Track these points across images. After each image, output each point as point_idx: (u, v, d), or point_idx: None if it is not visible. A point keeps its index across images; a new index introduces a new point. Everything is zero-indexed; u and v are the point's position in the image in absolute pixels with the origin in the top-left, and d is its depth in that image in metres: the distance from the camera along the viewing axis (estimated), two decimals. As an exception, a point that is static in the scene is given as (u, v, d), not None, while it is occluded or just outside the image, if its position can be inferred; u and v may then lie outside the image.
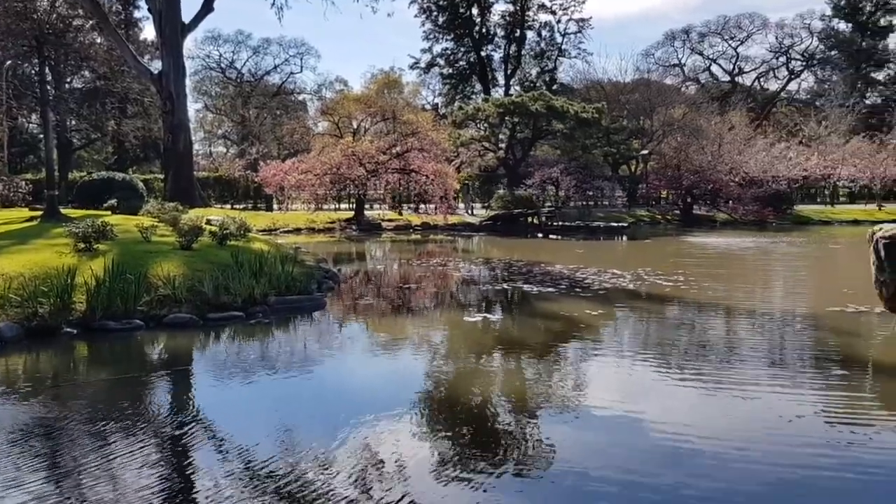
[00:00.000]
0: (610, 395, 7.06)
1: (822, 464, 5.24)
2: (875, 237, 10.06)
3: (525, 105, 37.82)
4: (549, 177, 37.27)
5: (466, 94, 64.89)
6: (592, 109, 38.97)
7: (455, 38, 64.48)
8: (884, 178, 46.55)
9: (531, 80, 64.72)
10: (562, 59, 65.38)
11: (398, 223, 33.41)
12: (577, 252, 23.03)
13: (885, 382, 7.63)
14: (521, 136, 41.97)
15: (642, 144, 44.89)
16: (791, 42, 74.95)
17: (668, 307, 12.22)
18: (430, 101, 67.04)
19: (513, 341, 9.66)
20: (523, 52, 65.09)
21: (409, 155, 32.49)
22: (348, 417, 6.17)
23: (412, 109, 38.67)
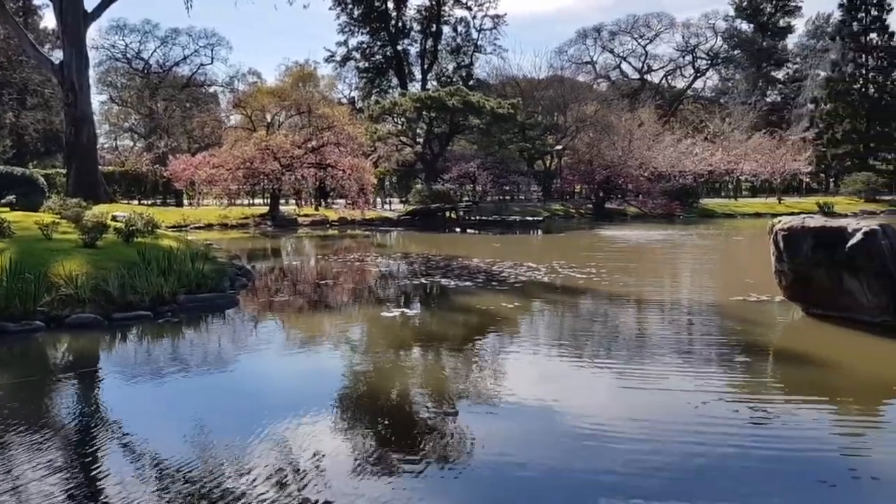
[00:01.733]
0: (527, 386, 7.15)
1: (728, 447, 5.45)
2: (775, 229, 10.55)
3: (442, 100, 37.92)
4: (467, 172, 37.51)
5: (383, 89, 64.56)
6: (508, 105, 39.41)
7: (371, 31, 64.03)
8: (783, 172, 48.89)
9: (448, 75, 64.92)
10: (478, 55, 65.89)
11: (315, 218, 32.97)
12: (493, 246, 23.27)
13: (786, 368, 8.01)
14: (438, 130, 42.06)
15: (556, 140, 45.72)
16: (697, 41, 77.78)
17: (582, 299, 12.48)
18: (347, 95, 66.43)
19: (431, 335, 9.67)
20: (440, 47, 65.24)
21: (325, 149, 32.08)
22: (264, 416, 6.04)
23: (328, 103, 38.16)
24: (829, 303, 9.91)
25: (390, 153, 42.54)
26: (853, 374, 7.62)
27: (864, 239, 9.31)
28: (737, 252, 22.97)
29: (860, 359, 8.27)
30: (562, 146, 44.23)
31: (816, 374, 7.57)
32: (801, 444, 5.51)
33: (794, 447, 5.45)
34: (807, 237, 10.00)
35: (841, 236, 9.61)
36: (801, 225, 10.22)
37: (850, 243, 9.42)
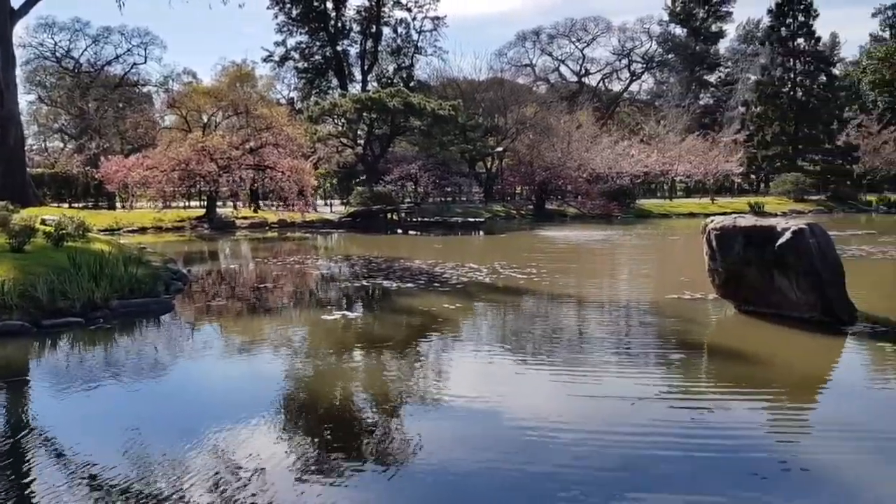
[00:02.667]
0: (470, 386, 7.19)
1: (665, 443, 5.58)
2: (707, 229, 10.83)
3: (383, 101, 37.78)
4: (408, 173, 37.46)
5: (323, 89, 63.96)
6: (449, 107, 39.51)
7: (310, 31, 63.36)
8: (716, 173, 50.28)
9: (388, 76, 64.72)
10: (418, 57, 65.83)
11: (253, 221, 32.44)
12: (435, 247, 23.29)
13: (719, 364, 8.24)
14: (379, 132, 41.89)
15: (497, 142, 46.03)
16: (632, 45, 79.37)
17: (523, 299, 12.60)
18: (286, 96, 65.56)
19: (373, 338, 9.63)
20: (380, 48, 64.99)
21: (263, 150, 31.60)
22: (203, 423, 5.92)
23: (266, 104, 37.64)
24: (760, 300, 10.23)
25: (331, 154, 42.20)
26: (783, 369, 7.88)
27: (793, 238, 9.64)
28: (672, 251, 23.52)
29: (790, 354, 8.56)
30: (502, 148, 44.57)
31: (748, 369, 7.80)
32: (735, 438, 5.67)
33: (728, 441, 5.61)
34: (738, 236, 10.30)
35: (771, 235, 9.93)
36: (732, 225, 10.52)
37: (780, 242, 9.74)
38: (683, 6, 78.64)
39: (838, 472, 5.03)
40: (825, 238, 9.85)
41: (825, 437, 5.77)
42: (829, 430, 5.90)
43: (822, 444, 5.61)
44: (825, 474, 5.00)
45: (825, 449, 5.47)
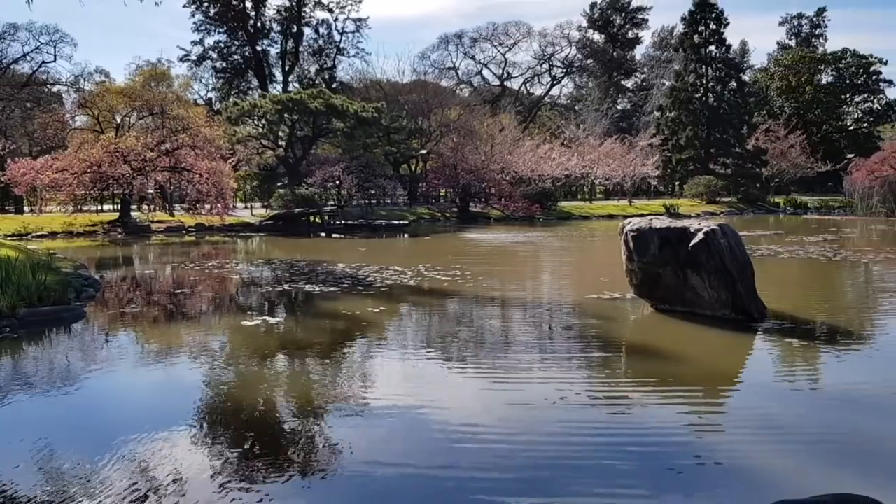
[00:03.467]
0: (395, 390, 7.17)
1: (585, 440, 5.71)
2: (625, 230, 11.13)
3: (304, 102, 37.30)
4: (331, 175, 37.08)
5: (242, 90, 62.71)
6: (372, 108, 39.34)
7: (228, 30, 62.04)
8: (633, 176, 51.73)
9: (310, 77, 63.97)
10: (341, 58, 65.33)
11: (170, 225, 31.51)
12: (359, 250, 23.15)
13: (637, 361, 8.47)
14: (301, 133, 41.33)
15: (421, 144, 46.11)
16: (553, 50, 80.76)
17: (448, 301, 12.65)
18: (203, 96, 63.96)
19: (296, 343, 9.49)
20: (301, 48, 64.17)
21: (180, 152, 30.75)
22: (118, 435, 5.71)
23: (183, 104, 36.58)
24: (675, 299, 10.57)
25: (251, 156, 41.39)
26: (697, 365, 8.16)
27: (705, 238, 10.00)
28: (592, 252, 24.05)
29: (703, 351, 8.87)
30: (427, 150, 44.68)
31: (664, 367, 8.05)
32: (653, 435, 5.84)
33: (646, 437, 5.77)
34: (654, 238, 10.61)
35: (684, 236, 10.28)
36: (648, 226, 10.83)
37: (693, 243, 10.09)
38: (601, 13, 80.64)
39: (750, 464, 5.23)
40: (736, 238, 10.26)
41: (738, 431, 6.00)
42: (741, 425, 6.14)
43: (734, 437, 5.83)
44: (738, 467, 5.20)
45: (738, 442, 5.68)
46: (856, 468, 5.11)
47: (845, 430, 5.92)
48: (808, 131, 62.39)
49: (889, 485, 4.75)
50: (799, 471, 5.10)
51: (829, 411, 6.48)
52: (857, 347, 9.06)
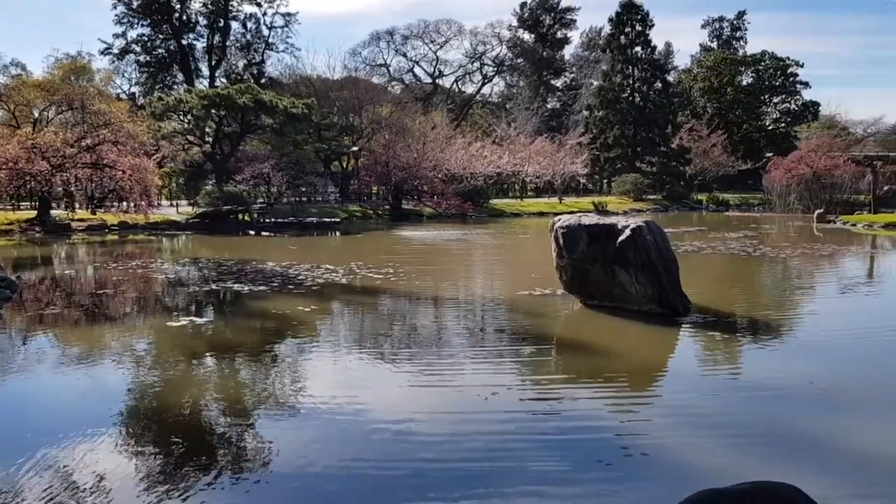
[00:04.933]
0: (327, 390, 7.10)
1: (516, 435, 5.77)
2: (555, 227, 11.30)
3: (232, 98, 36.53)
4: (260, 172, 36.41)
5: (167, 85, 61.01)
6: (302, 105, 38.82)
7: (152, 23, 60.27)
8: (563, 174, 52.51)
9: (238, 72, 62.70)
10: (270, 53, 64.27)
11: (92, 223, 30.40)
12: (290, 249, 22.84)
13: (567, 356, 8.62)
14: (228, 129, 40.44)
15: (353, 141, 45.74)
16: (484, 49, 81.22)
17: (380, 299, 12.60)
18: (126, 91, 62.01)
19: (224, 344, 9.29)
20: (228, 43, 62.87)
21: (101, 148, 29.68)
22: (37, 441, 5.49)
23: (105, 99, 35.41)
24: (603, 294, 10.78)
25: (176, 153, 40.31)
26: (625, 359, 8.35)
27: (632, 235, 10.24)
28: (523, 249, 24.32)
29: (630, 345, 9.09)
30: (358, 147, 44.38)
31: (593, 360, 8.21)
32: (582, 427, 5.95)
33: (575, 430, 5.88)
34: (583, 234, 10.80)
35: (612, 233, 10.50)
36: (577, 223, 11.02)
37: (620, 239, 10.31)
38: (531, 13, 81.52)
39: (676, 455, 5.38)
40: (661, 235, 10.54)
41: (663, 422, 6.16)
42: (666, 416, 6.31)
43: (660, 429, 5.98)
44: (664, 458, 5.34)
45: (664, 434, 5.84)
46: (775, 456, 5.31)
47: (765, 419, 6.14)
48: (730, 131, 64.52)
49: (806, 471, 4.96)
50: (722, 460, 5.27)
51: (749, 402, 6.72)
52: (776, 339, 9.42)
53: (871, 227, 29.34)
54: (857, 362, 8.08)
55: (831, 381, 7.19)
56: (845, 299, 13.14)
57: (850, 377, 7.42)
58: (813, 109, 70.41)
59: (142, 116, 35.25)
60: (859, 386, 7.10)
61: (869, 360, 8.24)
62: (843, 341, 9.19)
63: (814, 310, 12.09)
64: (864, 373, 7.63)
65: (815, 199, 38.16)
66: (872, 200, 34.64)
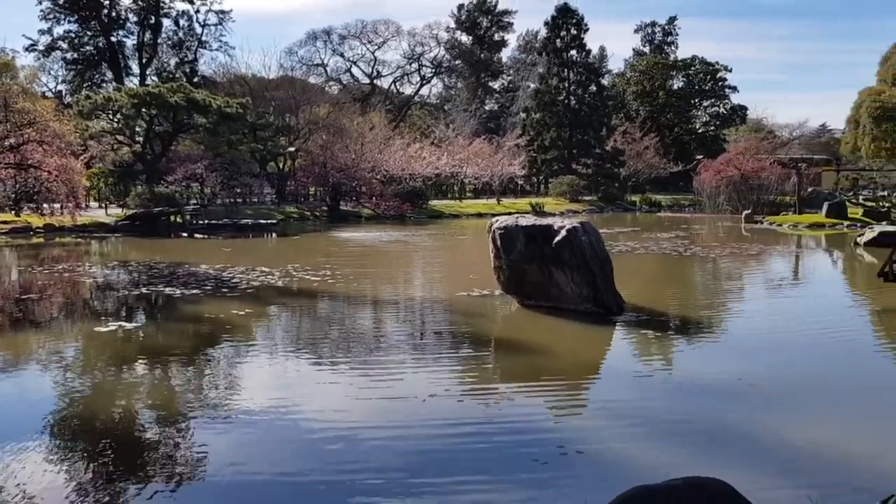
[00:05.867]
0: (265, 394, 6.99)
1: (455, 435, 5.80)
2: (493, 228, 11.37)
3: (163, 96, 35.61)
4: (193, 173, 35.58)
5: (96, 83, 59.04)
6: (236, 104, 38.11)
7: (80, 19, 58.25)
8: (501, 175, 52.90)
9: (170, 70, 61.13)
10: (203, 51, 62.76)
11: (15, 226, 29.20)
12: (224, 251, 22.41)
13: (504, 357, 8.69)
14: (160, 129, 39.39)
15: (289, 141, 45.11)
16: (422, 50, 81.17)
17: (319, 302, 12.47)
18: (53, 89, 59.81)
19: (156, 349, 9.05)
20: (160, 40, 61.22)
21: (26, 148, 28.58)
22: (-47, 455, 5.24)
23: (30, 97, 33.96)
24: (540, 295, 10.91)
25: (105, 153, 39.04)
26: (561, 358, 8.47)
27: (568, 236, 10.38)
28: (462, 250, 24.42)
29: (566, 344, 9.22)
30: (295, 148, 43.79)
31: (530, 360, 8.30)
32: (519, 428, 6.00)
33: (512, 429, 5.93)
34: (520, 235, 10.91)
35: (548, 234, 10.63)
36: (514, 224, 11.13)
37: (556, 240, 10.45)
38: (469, 14, 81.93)
39: (610, 451, 5.48)
40: (596, 235, 10.73)
41: (598, 419, 6.27)
42: (601, 414, 6.42)
43: (595, 426, 6.08)
44: (599, 455, 5.43)
45: (598, 431, 5.94)
46: (707, 452, 5.46)
47: (697, 416, 6.31)
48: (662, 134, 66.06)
49: (737, 466, 5.10)
50: (655, 456, 5.38)
51: (681, 399, 6.89)
52: (707, 337, 9.70)
53: (795, 227, 30.43)
54: (784, 358, 8.37)
55: (760, 377, 7.43)
56: (772, 297, 13.60)
57: (778, 373, 7.68)
58: (741, 113, 72.64)
59: (69, 115, 34.04)
60: (788, 381, 7.36)
61: (796, 356, 8.55)
62: (771, 338, 9.51)
63: (743, 308, 12.48)
64: (791, 369, 7.92)
65: (742, 200, 39.33)
66: (797, 201, 35.91)
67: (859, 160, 61.19)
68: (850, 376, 7.64)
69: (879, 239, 19.14)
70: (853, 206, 33.89)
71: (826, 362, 8.30)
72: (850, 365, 8.15)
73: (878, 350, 9.24)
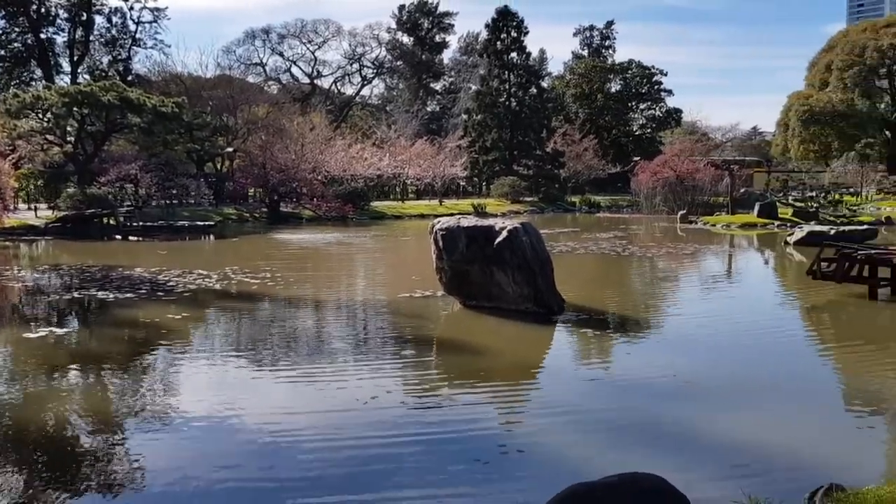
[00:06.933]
0: (203, 399, 6.85)
1: (397, 436, 5.79)
2: (435, 229, 11.39)
3: (96, 95, 34.54)
4: (127, 174, 34.62)
5: (24, 81, 56.95)
6: (172, 103, 37.21)
7: (7, 15, 56.10)
8: (443, 176, 53.00)
9: (102, 69, 59.34)
10: (137, 49, 61.08)
11: (-62, 228, 28.01)
12: (160, 254, 21.88)
13: (446, 357, 8.71)
14: (92, 129, 38.20)
15: (227, 142, 44.32)
16: (363, 50, 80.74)
17: (258, 305, 12.29)
18: (-23, 87, 57.51)
19: (89, 355, 8.79)
20: (92, 38, 59.37)
21: (-51, 147, 27.44)
22: None
23: (-48, 94, 32.70)
24: (482, 295, 10.97)
25: (34, 153, 37.64)
26: (502, 358, 8.53)
27: (509, 236, 10.47)
28: (405, 251, 24.38)
29: (507, 344, 9.30)
30: (233, 148, 43.05)
31: (472, 360, 8.33)
32: (460, 427, 6.04)
33: (454, 430, 5.96)
34: (462, 236, 10.95)
35: (490, 234, 10.70)
36: (456, 225, 11.17)
37: (498, 240, 10.52)
38: (409, 16, 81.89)
39: (550, 450, 5.55)
40: (537, 236, 10.85)
41: (539, 418, 6.34)
42: (541, 413, 6.50)
43: (536, 425, 6.15)
44: (539, 454, 5.50)
45: (538, 430, 6.00)
46: (642, 448, 5.57)
47: (633, 413, 6.44)
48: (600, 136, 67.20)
49: (671, 461, 5.23)
50: (593, 454, 5.47)
51: (619, 396, 7.02)
52: (644, 335, 9.90)
53: (728, 227, 31.32)
54: (718, 355, 8.61)
55: (693, 374, 7.62)
56: (707, 296, 13.97)
57: (711, 370, 7.89)
58: (676, 116, 74.44)
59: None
60: (719, 378, 7.57)
61: (729, 353, 8.80)
62: (705, 335, 9.77)
63: (678, 306, 12.79)
64: (724, 365, 8.15)
65: (678, 200, 40.27)
66: (730, 202, 36.93)
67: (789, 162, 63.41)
68: (780, 372, 7.90)
69: (808, 238, 19.84)
70: (783, 206, 35.06)
71: (758, 359, 8.56)
72: (780, 361, 8.44)
73: (807, 346, 9.59)
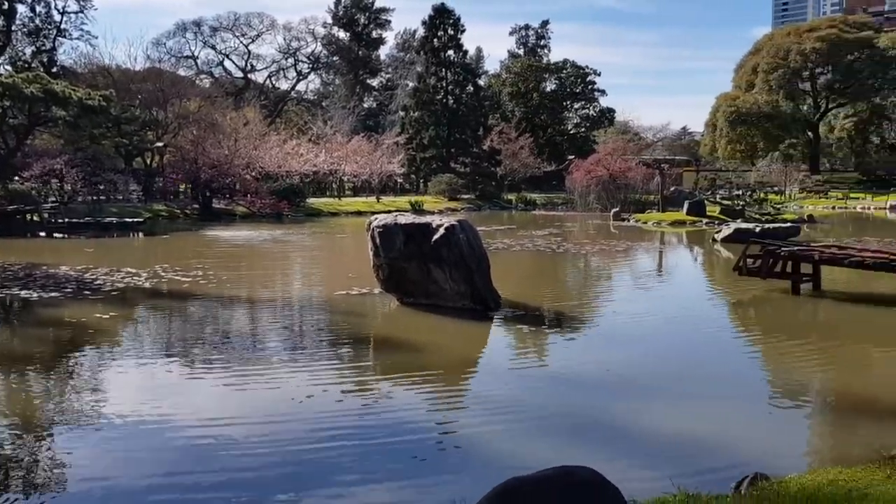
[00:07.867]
0: (134, 401, 6.67)
1: (334, 435, 5.75)
2: (372, 227, 11.34)
3: (17, 87, 33.19)
4: (52, 169, 33.41)
5: (-61, 70, 54.43)
6: (99, 96, 36.02)
7: (-80, 1, 53.46)
8: (380, 173, 52.80)
9: (25, 60, 56.99)
10: (62, 40, 58.88)
11: None
12: (86, 251, 21.20)
13: (383, 355, 8.69)
14: (14, 122, 36.75)
15: (157, 136, 43.17)
16: (298, 45, 79.72)
17: (190, 304, 12.01)
18: None
19: (11, 356, 8.45)
20: (14, 27, 56.99)
21: None
22: None
23: None
24: (420, 292, 10.98)
25: (-48, 147, 36.08)
26: (439, 354, 8.56)
27: (446, 233, 10.50)
28: (341, 249, 24.20)
29: (445, 340, 9.33)
30: (163, 143, 41.95)
31: (409, 357, 8.34)
32: (397, 425, 6.03)
33: (391, 428, 5.95)
34: (399, 233, 10.93)
35: (427, 231, 10.71)
36: (394, 222, 11.14)
37: (435, 238, 10.54)
38: (346, 11, 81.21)
39: (487, 445, 5.59)
40: (473, 233, 10.91)
41: (475, 414, 6.38)
42: (478, 408, 6.54)
43: (472, 421, 6.19)
44: (476, 449, 5.53)
45: (475, 426, 6.05)
46: (577, 441, 5.67)
47: (568, 407, 6.54)
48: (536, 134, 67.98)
49: (604, 454, 5.34)
50: (529, 448, 5.53)
51: (554, 390, 7.12)
52: (578, 331, 10.06)
53: (659, 224, 32.12)
54: (649, 349, 8.82)
55: (626, 369, 7.79)
56: (638, 291, 14.29)
57: (643, 365, 8.07)
58: (609, 116, 75.84)
59: None
60: (652, 373, 7.75)
61: (659, 346, 9.03)
62: (638, 331, 9.99)
63: (611, 302, 13.04)
64: (655, 359, 8.35)
65: (611, 198, 41.07)
66: (661, 200, 37.84)
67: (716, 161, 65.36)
68: (709, 365, 8.15)
69: (735, 235, 20.49)
70: (711, 204, 36.15)
71: (687, 353, 8.81)
72: (708, 355, 8.71)
73: (733, 340, 9.90)
